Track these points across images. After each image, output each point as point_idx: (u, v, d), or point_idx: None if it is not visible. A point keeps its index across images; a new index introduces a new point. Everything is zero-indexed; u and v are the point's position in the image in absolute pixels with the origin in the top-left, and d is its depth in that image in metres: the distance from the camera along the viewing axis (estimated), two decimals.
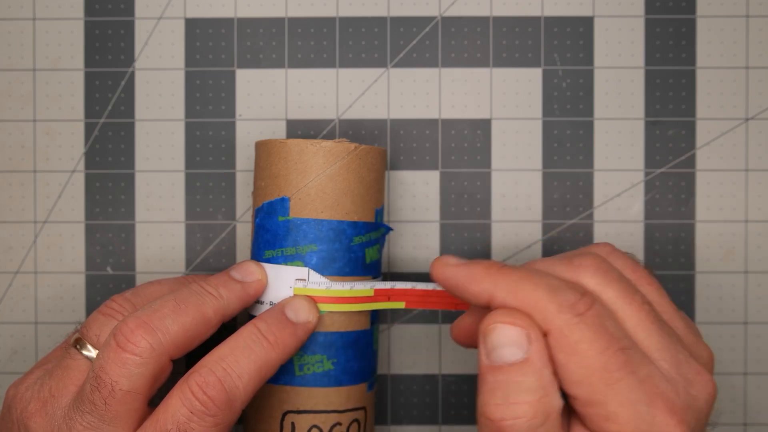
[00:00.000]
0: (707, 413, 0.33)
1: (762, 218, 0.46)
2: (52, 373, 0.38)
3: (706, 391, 0.33)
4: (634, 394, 0.31)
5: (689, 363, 0.33)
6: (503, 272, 0.34)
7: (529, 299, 0.33)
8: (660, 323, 0.34)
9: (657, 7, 0.46)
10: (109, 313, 0.39)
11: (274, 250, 0.40)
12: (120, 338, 0.35)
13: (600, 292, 0.34)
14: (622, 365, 0.31)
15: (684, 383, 0.33)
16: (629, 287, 0.34)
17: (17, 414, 0.37)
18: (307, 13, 0.47)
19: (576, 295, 0.33)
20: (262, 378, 0.37)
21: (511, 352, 0.33)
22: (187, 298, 0.38)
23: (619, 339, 0.32)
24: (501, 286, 0.34)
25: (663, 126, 0.46)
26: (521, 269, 0.34)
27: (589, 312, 0.32)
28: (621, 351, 0.32)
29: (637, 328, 0.33)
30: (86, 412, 0.35)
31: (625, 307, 0.34)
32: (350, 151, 0.40)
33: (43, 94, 0.47)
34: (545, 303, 0.33)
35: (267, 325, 0.38)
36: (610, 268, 0.35)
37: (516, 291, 0.33)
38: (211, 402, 0.35)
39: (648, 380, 0.32)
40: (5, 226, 0.47)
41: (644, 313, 0.34)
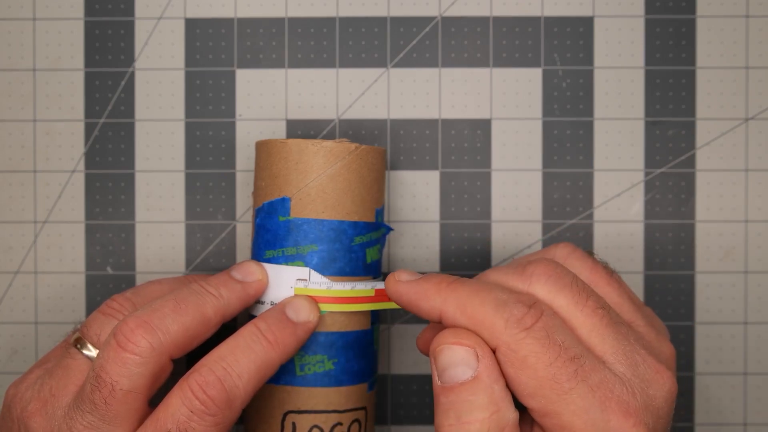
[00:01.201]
0: (668, 410, 0.34)
1: (762, 218, 0.46)
2: (52, 372, 0.38)
3: (664, 389, 0.34)
4: (587, 402, 0.32)
5: (647, 363, 0.34)
6: (452, 288, 0.35)
7: (477, 316, 0.34)
8: (616, 326, 0.34)
9: (657, 7, 0.46)
10: (110, 313, 0.39)
11: (274, 250, 0.40)
12: (120, 338, 0.35)
13: (552, 300, 0.34)
14: (573, 375, 0.32)
15: (641, 384, 0.33)
16: (582, 292, 0.35)
17: (17, 413, 0.37)
18: (307, 13, 0.47)
19: (523, 308, 0.33)
20: (262, 377, 0.37)
21: (461, 372, 0.33)
22: (188, 297, 0.38)
23: (568, 349, 0.32)
24: (450, 303, 0.34)
25: (663, 126, 0.46)
26: (471, 284, 0.35)
27: (536, 325, 0.33)
28: (571, 361, 0.32)
29: (591, 333, 0.34)
30: (86, 411, 0.35)
31: (577, 313, 0.34)
32: (351, 151, 0.40)
33: (43, 94, 0.47)
34: (492, 319, 0.33)
35: (267, 324, 0.38)
36: (563, 274, 0.35)
37: (464, 308, 0.34)
38: (210, 401, 0.35)
39: (601, 386, 0.32)
40: (5, 226, 0.47)
41: (597, 317, 0.34)
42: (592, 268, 0.37)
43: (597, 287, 0.37)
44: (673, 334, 0.46)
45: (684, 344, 0.47)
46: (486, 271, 0.37)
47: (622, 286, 0.38)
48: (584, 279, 0.37)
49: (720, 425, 0.47)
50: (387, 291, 0.38)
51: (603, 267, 0.38)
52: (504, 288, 0.35)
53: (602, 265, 0.38)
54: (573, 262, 0.38)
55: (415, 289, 0.36)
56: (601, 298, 0.35)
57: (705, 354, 0.47)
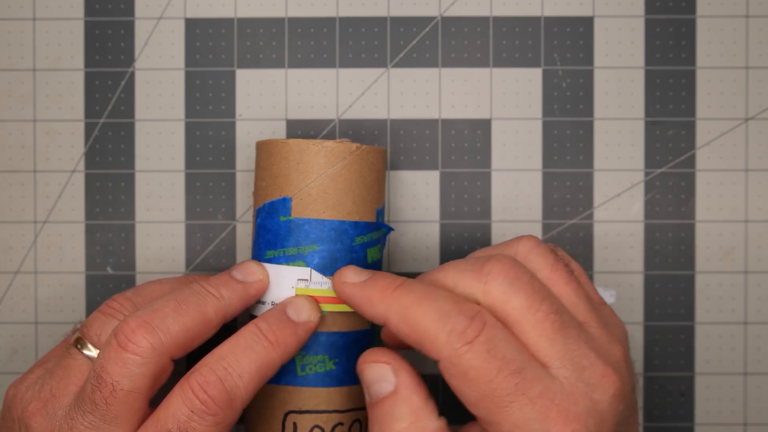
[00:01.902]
0: (613, 413, 0.34)
1: (762, 218, 0.46)
2: (52, 372, 0.38)
3: (609, 393, 0.34)
4: (527, 414, 0.32)
5: (593, 367, 0.34)
6: (396, 296, 0.35)
7: (419, 327, 0.34)
8: (566, 330, 0.34)
9: (657, 7, 0.47)
10: (110, 313, 0.39)
11: (275, 250, 0.40)
12: (121, 338, 0.35)
13: (507, 300, 0.34)
14: (513, 389, 0.32)
15: (585, 388, 0.33)
16: (537, 294, 0.35)
17: (18, 414, 0.37)
18: (307, 13, 0.47)
19: (465, 321, 0.33)
20: (263, 377, 0.37)
21: (382, 387, 0.35)
22: (188, 297, 0.38)
23: (510, 362, 0.33)
24: (393, 312, 0.35)
25: (663, 126, 0.46)
26: (416, 291, 0.35)
27: (478, 339, 0.33)
28: (512, 375, 0.33)
29: (541, 337, 0.34)
30: (87, 411, 0.35)
31: (529, 317, 0.34)
32: (352, 151, 0.40)
33: (43, 94, 0.47)
34: (435, 332, 0.33)
35: (268, 324, 0.38)
36: (520, 274, 0.35)
37: (407, 318, 0.34)
38: (211, 401, 0.35)
39: (542, 396, 0.32)
40: (5, 226, 0.47)
41: (549, 322, 0.34)
42: (553, 266, 0.37)
43: (555, 285, 0.37)
44: (673, 334, 0.46)
45: (684, 344, 0.47)
46: (445, 264, 0.37)
47: (580, 285, 0.38)
48: (543, 276, 0.37)
49: (720, 425, 0.47)
50: (334, 290, 0.38)
51: (564, 265, 0.38)
52: (449, 295, 0.35)
53: (563, 264, 0.38)
54: (535, 257, 0.38)
55: (360, 294, 0.37)
56: (556, 301, 0.35)
57: (705, 354, 0.47)
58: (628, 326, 0.47)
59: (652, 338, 0.47)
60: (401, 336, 0.35)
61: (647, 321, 0.47)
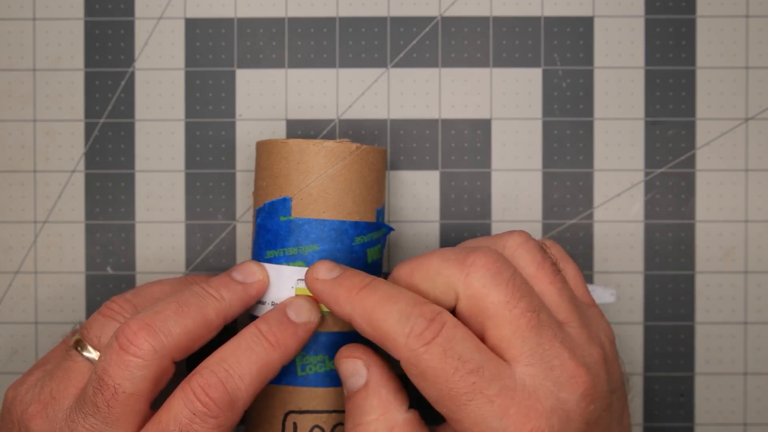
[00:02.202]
0: (581, 413, 0.34)
1: (762, 218, 0.46)
2: (52, 375, 0.38)
3: (577, 393, 0.34)
4: (485, 412, 0.33)
5: (564, 366, 0.34)
6: (361, 297, 0.36)
7: (381, 328, 0.35)
8: (541, 329, 0.35)
9: (657, 7, 0.47)
10: (110, 315, 0.39)
11: (275, 250, 0.40)
12: (122, 340, 0.35)
13: (486, 294, 0.35)
14: (470, 388, 0.33)
15: (552, 387, 0.34)
16: (517, 291, 0.35)
17: (17, 416, 0.37)
18: (307, 13, 0.47)
19: (423, 323, 0.34)
20: (264, 379, 0.37)
21: (355, 381, 0.37)
22: (189, 299, 0.38)
23: (467, 362, 0.33)
24: (357, 312, 0.36)
25: (663, 126, 0.46)
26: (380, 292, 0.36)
27: (435, 339, 0.33)
28: (469, 374, 0.33)
29: (514, 334, 0.34)
30: (89, 414, 0.35)
31: (506, 313, 0.34)
32: (352, 151, 0.40)
33: (43, 94, 0.47)
34: (394, 333, 0.34)
35: (268, 326, 0.38)
36: (502, 269, 0.35)
37: (370, 319, 0.35)
38: (213, 403, 0.35)
39: (500, 395, 0.33)
40: (5, 226, 0.47)
41: (525, 319, 0.34)
42: (539, 264, 0.38)
43: (539, 283, 0.37)
44: (673, 334, 0.46)
45: (684, 344, 0.47)
46: (431, 251, 0.37)
47: (565, 285, 0.38)
48: (528, 273, 0.37)
49: (720, 425, 0.47)
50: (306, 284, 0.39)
51: (551, 264, 0.38)
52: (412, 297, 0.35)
53: (550, 262, 0.38)
54: (523, 253, 0.38)
55: (329, 292, 0.37)
56: (536, 299, 0.35)
57: (705, 354, 0.47)
58: (628, 326, 0.47)
59: (652, 338, 0.47)
60: (365, 335, 0.36)
61: (647, 321, 0.47)
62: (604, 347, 0.37)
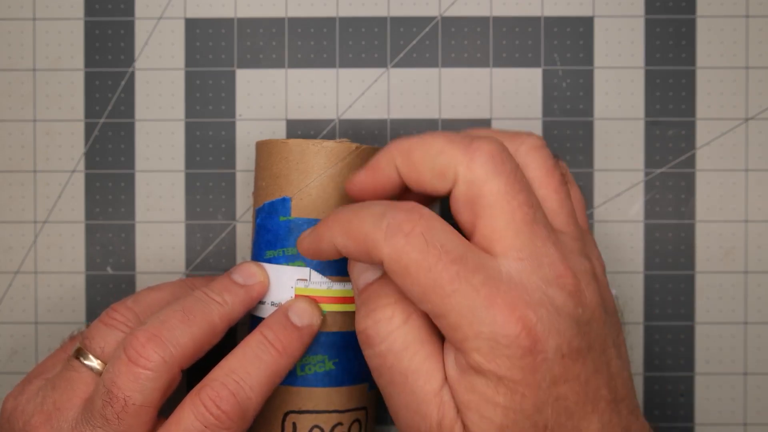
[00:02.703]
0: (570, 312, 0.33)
1: (762, 218, 0.46)
2: (54, 385, 0.38)
3: (564, 291, 0.33)
4: (471, 302, 0.32)
5: (553, 266, 0.34)
6: (337, 217, 0.35)
7: (359, 235, 0.34)
8: (534, 225, 0.34)
9: (657, 7, 0.46)
10: (112, 324, 0.39)
11: (275, 251, 0.40)
12: (131, 352, 0.35)
13: (485, 181, 0.34)
14: (455, 277, 0.32)
15: (539, 282, 0.33)
16: (518, 184, 0.34)
17: (19, 427, 0.37)
18: (307, 13, 0.47)
19: (400, 214, 0.33)
20: (273, 386, 0.37)
21: (370, 274, 0.36)
22: (194, 307, 0.38)
23: (449, 251, 0.32)
24: (336, 231, 0.35)
25: (663, 126, 0.46)
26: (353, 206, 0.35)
27: (415, 229, 0.33)
28: (452, 263, 0.32)
29: (507, 226, 0.34)
30: (98, 426, 0.35)
31: (503, 203, 0.34)
32: (351, 151, 0.40)
33: (43, 94, 0.47)
34: (373, 234, 0.33)
35: (273, 332, 0.38)
36: (506, 160, 0.35)
37: (348, 231, 0.34)
38: (225, 416, 0.35)
39: (486, 285, 0.32)
40: (5, 226, 0.47)
41: (521, 213, 0.34)
42: (549, 170, 0.37)
43: (543, 188, 0.37)
44: (673, 334, 0.46)
45: (684, 344, 0.47)
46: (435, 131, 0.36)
47: (568, 198, 0.38)
48: (536, 176, 0.37)
49: (720, 425, 0.47)
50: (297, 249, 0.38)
51: (560, 174, 0.38)
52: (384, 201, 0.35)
53: (560, 172, 0.38)
54: (535, 156, 0.37)
55: (312, 237, 0.36)
56: (533, 196, 0.35)
57: (705, 354, 0.47)
58: (628, 326, 0.47)
59: (652, 338, 0.47)
60: (353, 255, 0.35)
61: (647, 321, 0.47)
62: (595, 266, 0.37)
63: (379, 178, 0.37)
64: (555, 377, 0.32)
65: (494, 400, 0.32)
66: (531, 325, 0.32)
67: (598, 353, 0.34)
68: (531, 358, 0.32)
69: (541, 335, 0.32)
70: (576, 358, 0.33)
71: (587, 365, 0.33)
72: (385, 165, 0.36)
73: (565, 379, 0.33)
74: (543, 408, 0.32)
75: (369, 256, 0.34)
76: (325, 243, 0.35)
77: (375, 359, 0.35)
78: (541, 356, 0.32)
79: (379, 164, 0.37)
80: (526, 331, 0.32)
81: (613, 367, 0.35)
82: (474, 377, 0.33)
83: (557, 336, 0.32)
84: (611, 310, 0.37)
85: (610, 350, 0.35)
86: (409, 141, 0.36)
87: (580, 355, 0.33)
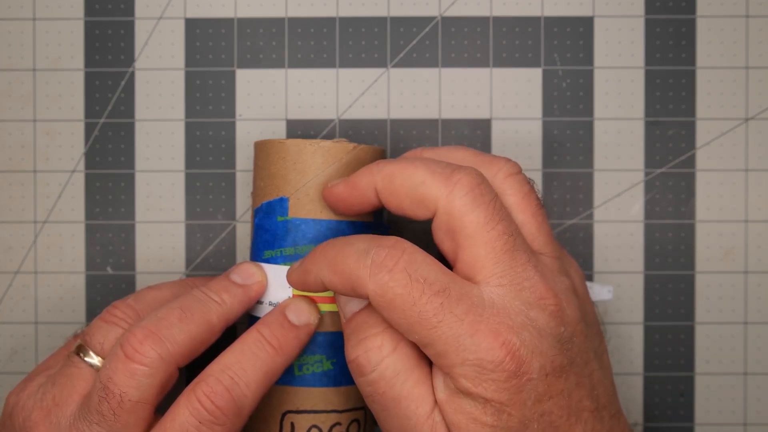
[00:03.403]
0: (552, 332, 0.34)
1: (762, 218, 0.46)
2: (54, 381, 0.38)
3: (546, 312, 0.35)
4: (455, 331, 0.33)
5: (534, 288, 0.35)
6: (322, 254, 0.36)
7: (345, 272, 0.35)
8: (515, 252, 0.35)
9: (657, 7, 0.46)
10: (112, 321, 0.39)
11: (273, 251, 0.40)
12: (128, 349, 0.35)
13: (466, 213, 0.35)
14: (438, 309, 0.33)
15: (521, 306, 0.34)
16: (497, 214, 0.35)
17: (19, 423, 0.37)
18: (307, 13, 0.47)
19: (383, 251, 0.34)
20: (268, 383, 0.37)
21: (356, 304, 0.37)
22: (192, 305, 0.38)
23: (432, 284, 0.33)
24: (323, 267, 0.36)
25: (663, 126, 0.46)
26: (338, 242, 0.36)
27: (398, 264, 0.34)
28: (435, 295, 0.33)
29: (488, 255, 0.35)
30: (94, 422, 0.35)
31: (483, 233, 0.35)
32: (349, 150, 0.40)
33: (43, 94, 0.47)
34: (357, 271, 0.34)
35: (270, 330, 0.38)
36: (485, 192, 0.36)
37: (334, 268, 0.35)
38: (219, 411, 0.35)
39: (469, 313, 0.33)
40: (5, 226, 0.47)
41: (501, 242, 0.35)
42: (525, 195, 0.38)
43: (521, 213, 0.38)
44: (673, 334, 0.46)
45: (684, 344, 0.47)
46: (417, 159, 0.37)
47: (545, 221, 0.39)
48: (513, 202, 0.38)
49: (720, 425, 0.47)
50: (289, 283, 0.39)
51: (536, 197, 0.39)
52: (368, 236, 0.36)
53: (535, 196, 0.39)
54: (512, 183, 0.38)
55: (299, 270, 0.37)
56: (513, 224, 0.36)
57: (705, 354, 0.47)
58: (628, 326, 0.47)
59: (652, 338, 0.47)
60: (339, 291, 0.36)
61: (647, 321, 0.47)
62: (574, 281, 0.39)
63: (356, 195, 0.38)
64: (539, 395, 0.34)
65: (482, 420, 0.33)
66: (515, 349, 0.33)
67: (580, 367, 0.36)
68: (516, 380, 0.33)
69: (525, 358, 0.33)
70: (559, 375, 0.34)
71: (570, 380, 0.35)
72: (365, 185, 0.37)
73: (549, 396, 0.34)
74: (529, 424, 0.34)
75: (355, 291, 0.35)
76: (312, 277, 0.37)
77: (367, 387, 0.36)
78: (525, 377, 0.33)
79: (360, 183, 0.38)
80: (510, 355, 0.33)
81: (594, 378, 0.36)
82: (462, 399, 0.34)
83: (540, 357, 0.34)
84: (592, 320, 0.39)
85: (591, 362, 0.37)
86: (391, 166, 0.37)
87: (563, 372, 0.34)
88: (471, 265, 0.35)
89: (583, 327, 0.36)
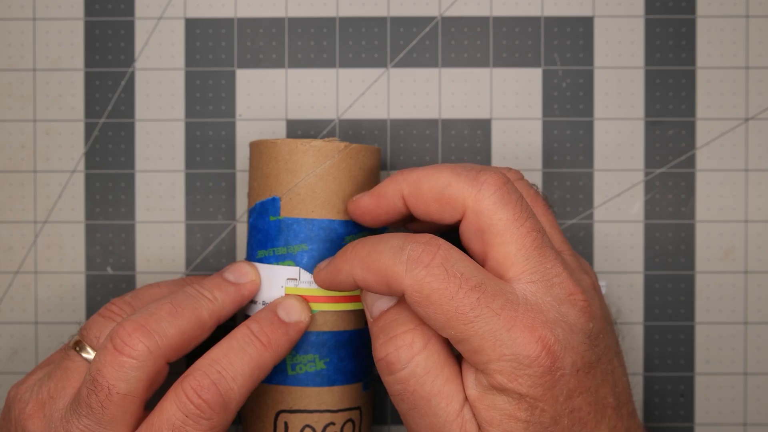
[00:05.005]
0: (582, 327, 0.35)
1: (762, 218, 0.46)
2: (51, 374, 0.38)
3: (576, 308, 0.35)
4: (492, 326, 0.33)
5: (563, 285, 0.35)
6: (354, 252, 0.36)
7: (380, 268, 0.35)
8: (543, 249, 0.36)
9: (657, 7, 0.46)
10: (109, 316, 0.39)
11: (266, 250, 0.40)
12: (117, 341, 0.35)
13: (495, 211, 0.35)
14: (475, 304, 0.33)
15: (553, 301, 0.35)
16: (525, 212, 0.36)
17: (16, 414, 0.37)
18: (307, 13, 0.47)
19: (419, 247, 0.34)
20: (256, 379, 0.37)
21: (385, 302, 0.37)
22: (183, 301, 0.38)
23: (468, 279, 0.34)
24: (356, 266, 0.36)
25: (663, 126, 0.46)
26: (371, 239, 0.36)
27: (433, 261, 0.34)
28: (472, 290, 0.33)
29: (519, 252, 0.35)
30: (83, 415, 0.35)
31: (513, 230, 0.35)
32: (340, 150, 0.40)
33: (43, 94, 0.47)
34: (393, 267, 0.34)
35: (259, 326, 0.38)
36: (512, 190, 0.36)
37: (368, 265, 0.35)
38: (206, 405, 0.35)
39: (505, 308, 0.34)
40: (5, 226, 0.47)
41: (530, 238, 0.35)
42: (534, 197, 0.39)
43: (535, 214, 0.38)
44: (673, 334, 0.46)
45: (684, 344, 0.46)
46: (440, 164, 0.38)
47: (555, 220, 0.40)
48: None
49: (720, 425, 0.47)
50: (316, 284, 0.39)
51: (543, 199, 0.40)
52: (401, 233, 0.36)
53: (542, 198, 0.40)
54: (519, 185, 0.39)
55: (329, 270, 0.38)
56: (538, 222, 0.36)
57: (705, 354, 0.46)
58: (628, 326, 0.47)
59: (652, 338, 0.47)
60: (372, 288, 0.36)
61: (647, 321, 0.47)
62: (593, 279, 0.39)
63: (383, 205, 0.38)
64: (570, 391, 0.34)
65: (516, 415, 0.34)
66: (550, 344, 0.33)
67: (605, 364, 0.36)
68: (550, 375, 0.33)
69: (559, 353, 0.33)
70: (588, 370, 0.35)
71: (597, 376, 0.35)
72: (392, 193, 0.38)
73: (579, 392, 0.34)
74: (560, 420, 0.34)
75: (389, 288, 0.35)
76: (344, 275, 0.37)
77: (396, 385, 0.36)
78: (559, 372, 0.33)
79: (387, 192, 0.38)
80: (546, 350, 0.33)
81: (616, 375, 0.37)
82: (495, 396, 0.34)
83: (572, 352, 0.34)
84: (610, 319, 0.39)
85: (613, 360, 0.37)
86: (416, 172, 0.37)
87: (591, 368, 0.35)
88: (502, 262, 0.35)
89: (605, 324, 0.37)
